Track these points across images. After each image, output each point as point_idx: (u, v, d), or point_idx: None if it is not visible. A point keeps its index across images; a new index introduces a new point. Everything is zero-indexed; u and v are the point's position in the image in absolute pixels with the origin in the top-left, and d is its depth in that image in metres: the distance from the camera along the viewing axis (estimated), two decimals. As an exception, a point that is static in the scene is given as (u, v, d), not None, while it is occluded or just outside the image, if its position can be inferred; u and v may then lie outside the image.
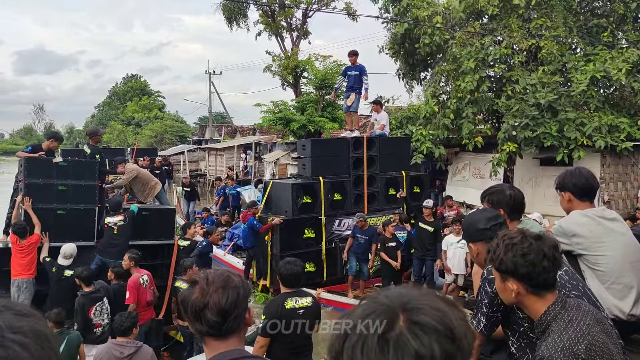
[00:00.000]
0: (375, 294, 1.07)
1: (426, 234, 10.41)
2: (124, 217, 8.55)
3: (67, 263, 7.63)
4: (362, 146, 11.75)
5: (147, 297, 7.39)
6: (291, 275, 4.82)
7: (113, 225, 8.49)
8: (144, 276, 7.47)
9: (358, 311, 1.03)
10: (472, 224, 2.68)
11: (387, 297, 1.03)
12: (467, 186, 16.72)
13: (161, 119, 58.09)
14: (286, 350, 4.77)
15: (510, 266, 2.01)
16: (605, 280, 3.07)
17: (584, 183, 3.22)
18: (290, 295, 4.85)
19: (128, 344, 5.20)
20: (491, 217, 2.67)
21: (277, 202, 11.28)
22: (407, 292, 1.03)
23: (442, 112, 15.59)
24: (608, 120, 13.09)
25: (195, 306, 1.80)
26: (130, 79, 78.02)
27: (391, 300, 1.01)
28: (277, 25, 28.37)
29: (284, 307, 4.74)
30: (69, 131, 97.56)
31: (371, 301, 1.04)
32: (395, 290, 1.05)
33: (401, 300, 1.01)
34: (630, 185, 14.46)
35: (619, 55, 13.80)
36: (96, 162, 9.15)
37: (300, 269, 4.87)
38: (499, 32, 15.77)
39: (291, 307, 4.77)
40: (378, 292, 1.08)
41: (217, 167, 34.45)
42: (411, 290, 1.04)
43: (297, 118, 23.39)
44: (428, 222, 10.44)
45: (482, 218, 2.67)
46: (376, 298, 1.04)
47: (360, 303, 1.06)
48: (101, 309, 6.93)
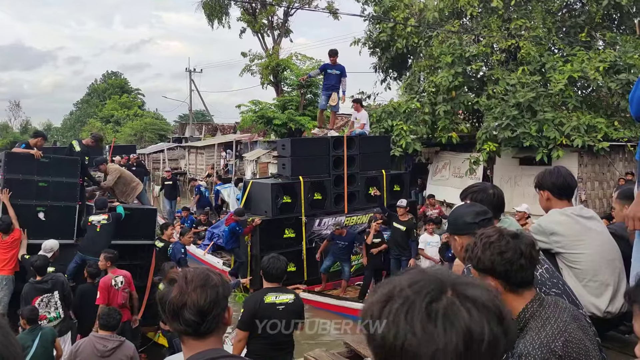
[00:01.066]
0: (420, 269, 1.01)
1: (400, 234, 10.41)
2: (109, 217, 8.40)
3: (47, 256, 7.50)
4: (342, 145, 11.70)
5: (118, 299, 7.24)
6: (275, 270, 4.81)
7: (96, 223, 8.33)
8: (118, 277, 7.34)
9: (404, 277, 0.96)
10: (460, 216, 2.66)
11: (435, 271, 0.97)
12: (447, 185, 16.83)
13: (141, 117, 57.57)
14: (265, 346, 4.74)
15: (488, 264, 2.02)
16: (582, 278, 3.10)
17: (562, 182, 3.25)
18: (272, 290, 4.83)
19: (111, 338, 5.18)
20: (480, 211, 2.66)
21: (257, 202, 11.21)
22: (451, 272, 0.98)
23: (423, 109, 15.71)
24: (586, 120, 13.28)
25: (174, 305, 1.76)
26: (109, 76, 77.21)
27: (440, 274, 0.95)
28: (259, 23, 28.27)
29: (262, 302, 4.72)
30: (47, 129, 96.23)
31: (418, 272, 0.98)
32: (439, 268, 1.00)
33: (450, 275, 0.95)
34: (606, 185, 14.68)
35: (595, 55, 14.01)
36: (78, 159, 9.08)
37: (283, 265, 4.86)
38: (479, 32, 15.93)
39: (270, 302, 4.74)
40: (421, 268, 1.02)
41: (197, 166, 34.23)
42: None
43: (278, 116, 23.33)
44: (401, 222, 10.43)
45: (471, 212, 2.66)
46: (423, 270, 0.98)
47: (406, 272, 0.99)
48: (48, 301, 6.78)
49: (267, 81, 27.40)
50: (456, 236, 2.61)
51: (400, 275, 0.98)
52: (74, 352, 5.04)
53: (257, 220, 10.70)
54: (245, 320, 4.70)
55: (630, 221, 2.45)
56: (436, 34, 16.22)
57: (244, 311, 4.73)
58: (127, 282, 7.47)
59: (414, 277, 0.95)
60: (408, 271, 0.99)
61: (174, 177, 19.21)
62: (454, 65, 14.75)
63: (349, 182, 11.84)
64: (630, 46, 14.34)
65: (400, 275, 0.97)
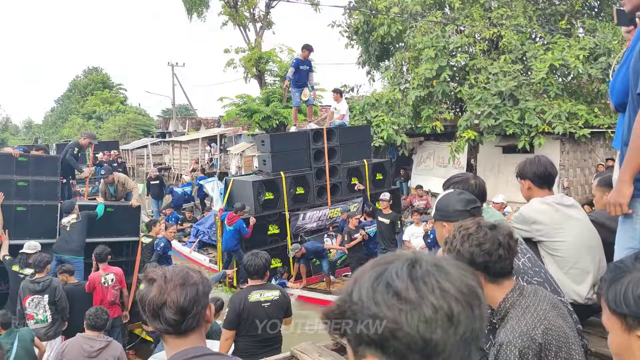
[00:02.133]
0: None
1: (385, 227, 10.45)
2: (77, 215, 8.36)
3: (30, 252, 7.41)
4: (322, 138, 11.65)
5: (108, 296, 7.23)
6: (253, 267, 4.79)
7: (67, 224, 8.32)
8: (108, 275, 7.32)
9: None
10: (450, 204, 2.65)
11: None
12: (432, 175, 16.91)
13: (123, 112, 57.04)
14: (252, 343, 4.74)
15: (467, 256, 2.03)
16: (563, 265, 3.13)
17: (542, 171, 3.28)
18: (256, 288, 4.81)
19: (98, 338, 5.13)
20: (470, 199, 2.67)
21: (239, 200, 11.03)
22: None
23: (405, 100, 15.72)
24: (567, 107, 13.39)
25: (153, 304, 1.75)
26: (91, 72, 76.26)
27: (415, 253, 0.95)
28: (241, 16, 28.09)
29: (247, 300, 4.70)
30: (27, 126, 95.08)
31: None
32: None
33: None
34: (588, 171, 14.85)
35: (576, 43, 14.12)
36: (58, 157, 9.02)
37: (262, 261, 4.82)
38: (461, 21, 15.97)
39: (255, 300, 4.73)
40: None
41: (181, 160, 34.01)
42: None
43: (261, 109, 23.23)
44: (385, 215, 10.47)
45: (462, 199, 2.66)
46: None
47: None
48: (38, 302, 6.73)
49: (251, 74, 27.27)
50: (445, 223, 2.60)
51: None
52: (61, 352, 5.00)
53: (253, 220, 10.62)
54: (230, 319, 4.68)
55: (612, 207, 2.48)
56: (420, 25, 16.22)
57: (229, 310, 4.72)
58: (118, 280, 7.44)
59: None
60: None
61: (160, 177, 18.95)
62: (437, 58, 14.78)
63: (330, 174, 11.81)
64: (609, 32, 14.47)
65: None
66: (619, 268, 1.39)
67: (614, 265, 1.44)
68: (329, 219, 11.77)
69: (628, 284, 1.33)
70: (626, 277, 1.35)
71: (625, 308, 1.32)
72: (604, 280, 1.41)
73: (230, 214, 10.53)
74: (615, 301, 1.34)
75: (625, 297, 1.32)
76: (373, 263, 0.95)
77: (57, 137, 63.18)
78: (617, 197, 2.44)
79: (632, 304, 1.31)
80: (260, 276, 4.86)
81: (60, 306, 6.83)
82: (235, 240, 10.51)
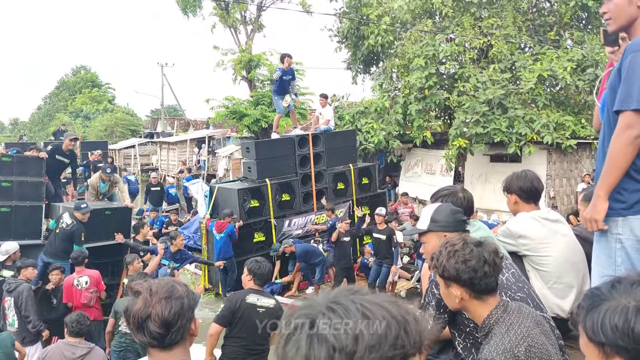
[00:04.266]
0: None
1: (381, 243, 10.31)
2: (72, 225, 8.04)
3: (1, 258, 7.33)
4: (307, 143, 11.62)
5: (80, 298, 7.13)
6: (268, 273, 4.95)
7: (60, 224, 8.10)
8: (82, 277, 7.22)
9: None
10: (452, 214, 2.66)
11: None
12: (420, 182, 16.98)
13: (111, 112, 56.67)
14: (239, 348, 4.75)
15: (453, 273, 2.04)
16: (547, 280, 3.16)
17: (529, 186, 3.31)
18: (255, 292, 4.86)
19: (80, 345, 5.08)
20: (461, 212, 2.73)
21: (224, 208, 10.89)
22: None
23: (395, 108, 15.78)
24: (555, 117, 13.51)
25: (138, 317, 1.75)
26: (79, 70, 75.70)
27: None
28: (232, 18, 28.04)
29: (244, 300, 4.76)
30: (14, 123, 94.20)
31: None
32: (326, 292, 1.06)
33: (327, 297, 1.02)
34: (574, 182, 14.99)
35: (564, 54, 14.26)
36: (43, 159, 8.98)
37: (268, 269, 4.98)
38: (452, 30, 16.07)
39: (252, 302, 4.78)
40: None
41: (169, 162, 33.85)
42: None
43: (250, 113, 23.17)
44: (380, 231, 10.34)
45: (459, 210, 2.71)
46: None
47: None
48: (10, 304, 6.64)
49: (240, 76, 27.20)
50: (447, 233, 2.60)
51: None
52: (42, 358, 4.94)
53: (240, 222, 10.55)
54: (224, 315, 4.73)
55: (588, 223, 2.51)
56: (409, 34, 16.31)
57: (224, 307, 4.79)
58: (93, 282, 7.33)
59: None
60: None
61: (161, 183, 18.54)
62: (427, 66, 14.84)
63: (316, 179, 11.77)
64: (596, 44, 14.62)
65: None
66: (596, 296, 1.40)
67: (591, 292, 1.45)
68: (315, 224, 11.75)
69: (605, 313, 1.34)
70: (603, 305, 1.35)
71: (602, 337, 1.33)
72: (582, 307, 1.42)
73: (217, 222, 10.42)
74: (592, 330, 1.35)
75: (603, 326, 1.33)
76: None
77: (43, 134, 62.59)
78: (593, 213, 2.47)
79: (609, 333, 1.31)
80: (262, 283, 4.94)
81: (24, 311, 6.58)
82: (229, 246, 10.41)
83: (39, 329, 6.56)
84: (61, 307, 7.22)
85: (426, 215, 2.72)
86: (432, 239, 2.70)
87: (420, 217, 2.82)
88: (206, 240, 11.18)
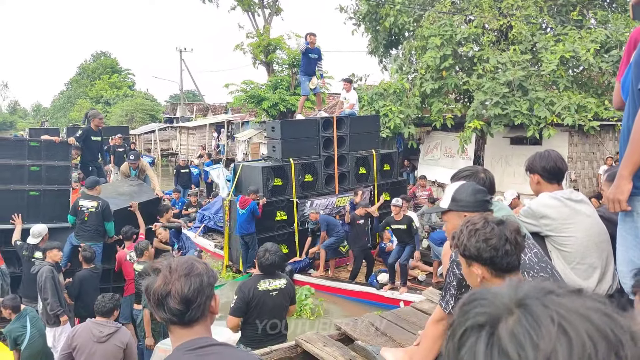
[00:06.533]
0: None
1: (401, 233, 10.09)
2: (97, 205, 8.17)
3: (35, 241, 7.47)
4: (331, 126, 11.70)
5: (131, 273, 7.41)
6: (269, 266, 4.84)
7: (85, 210, 8.16)
8: (132, 252, 7.45)
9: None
10: (474, 194, 2.65)
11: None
12: (438, 165, 16.86)
13: (131, 97, 57.07)
14: (260, 332, 4.77)
15: (474, 251, 2.03)
16: (570, 260, 3.12)
17: (552, 166, 3.25)
18: (264, 277, 4.86)
19: (108, 324, 5.22)
20: (485, 191, 2.70)
21: (248, 185, 11.07)
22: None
23: (413, 90, 15.63)
24: (576, 99, 13.27)
25: (158, 294, 1.78)
26: (99, 56, 76.21)
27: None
28: (249, 1, 27.98)
29: (256, 289, 4.75)
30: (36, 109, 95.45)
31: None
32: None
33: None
34: (596, 164, 14.76)
35: (587, 35, 13.97)
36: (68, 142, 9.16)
37: (277, 258, 4.89)
38: (470, 11, 15.83)
39: (264, 289, 4.79)
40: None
41: (188, 146, 34.06)
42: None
43: (269, 97, 23.18)
44: (398, 221, 10.09)
45: (482, 190, 2.68)
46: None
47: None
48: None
49: (259, 60, 27.20)
50: (467, 213, 2.57)
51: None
52: (71, 336, 5.10)
53: (264, 200, 10.70)
54: (239, 306, 4.72)
55: (611, 203, 2.46)
56: (427, 15, 16.10)
57: (237, 298, 4.75)
58: None
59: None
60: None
61: (189, 165, 18.69)
62: (444, 47, 14.64)
63: (339, 162, 11.86)
64: (621, 24, 14.30)
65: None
66: None
67: None
68: (336, 207, 11.79)
69: None
70: None
71: None
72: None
73: (242, 197, 10.58)
74: None
75: None
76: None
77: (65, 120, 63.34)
78: (616, 193, 2.43)
79: None
80: (274, 273, 4.92)
81: (42, 295, 6.71)
82: (250, 223, 10.59)
83: (56, 312, 6.64)
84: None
85: (448, 194, 2.70)
86: (452, 218, 2.69)
87: (443, 195, 2.80)
88: (229, 216, 11.33)
